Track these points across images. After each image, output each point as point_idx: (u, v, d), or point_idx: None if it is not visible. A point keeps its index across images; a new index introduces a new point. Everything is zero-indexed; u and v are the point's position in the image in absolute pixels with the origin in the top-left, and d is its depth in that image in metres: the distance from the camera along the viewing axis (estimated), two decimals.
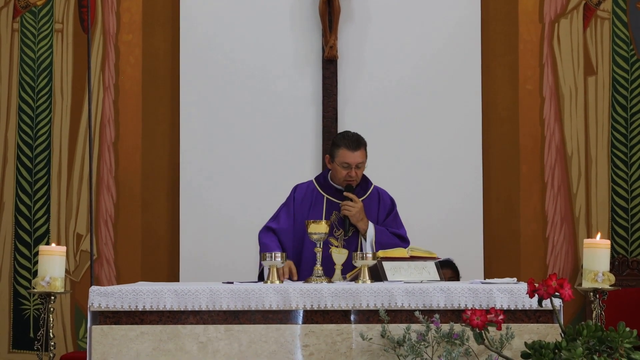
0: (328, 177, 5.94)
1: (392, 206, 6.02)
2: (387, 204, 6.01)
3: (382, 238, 5.79)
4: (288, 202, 5.93)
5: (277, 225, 5.82)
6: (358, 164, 5.81)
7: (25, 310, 7.68)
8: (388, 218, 5.98)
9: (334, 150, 5.84)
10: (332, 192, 5.90)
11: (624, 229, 7.64)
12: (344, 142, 5.81)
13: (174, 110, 7.62)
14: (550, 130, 7.66)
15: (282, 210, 5.91)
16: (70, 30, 7.74)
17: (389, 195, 6.05)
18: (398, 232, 5.93)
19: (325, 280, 5.12)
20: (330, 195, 5.89)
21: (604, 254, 4.77)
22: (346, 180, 5.83)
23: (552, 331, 4.73)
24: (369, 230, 5.81)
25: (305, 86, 7.56)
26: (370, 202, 5.94)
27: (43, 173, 7.70)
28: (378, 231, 5.82)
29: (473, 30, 7.58)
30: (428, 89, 7.54)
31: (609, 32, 7.69)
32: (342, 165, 5.80)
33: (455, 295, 4.79)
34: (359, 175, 5.85)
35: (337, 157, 5.81)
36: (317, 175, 6.05)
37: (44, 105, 7.73)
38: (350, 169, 5.80)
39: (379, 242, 5.76)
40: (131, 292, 4.83)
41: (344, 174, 5.81)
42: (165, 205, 7.64)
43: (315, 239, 5.26)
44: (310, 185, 5.97)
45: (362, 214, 5.80)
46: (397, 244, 5.78)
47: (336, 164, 5.83)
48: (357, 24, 7.56)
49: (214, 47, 7.58)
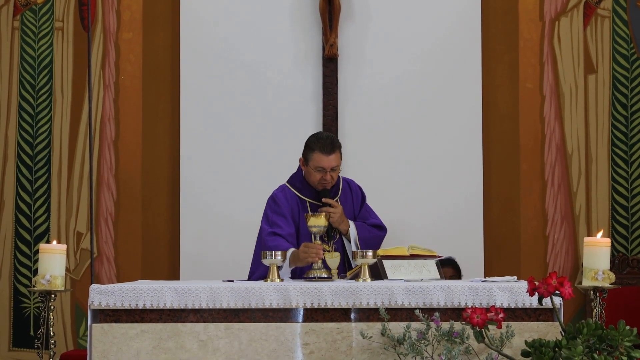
0: (303, 178, 5.79)
1: (362, 195, 5.96)
2: (359, 194, 5.93)
3: (362, 233, 5.73)
4: (279, 211, 5.69)
5: (282, 231, 5.63)
6: (333, 167, 5.67)
7: (26, 308, 7.68)
8: (362, 208, 5.92)
9: (308, 153, 5.68)
10: (311, 195, 5.77)
11: (624, 227, 7.64)
12: (317, 145, 5.65)
13: (174, 108, 7.62)
14: (551, 129, 7.66)
15: (277, 219, 5.68)
16: (70, 28, 7.74)
17: (357, 185, 5.97)
18: (375, 223, 5.86)
19: (325, 272, 5.14)
20: (311, 199, 5.77)
21: (604, 252, 4.77)
22: (321, 184, 5.70)
23: (552, 329, 4.73)
24: (351, 230, 5.74)
25: (306, 84, 7.55)
26: (345, 197, 5.86)
27: (43, 171, 7.70)
28: (358, 228, 5.75)
29: (473, 29, 7.58)
30: (428, 87, 7.54)
31: (609, 31, 7.69)
32: (316, 169, 5.66)
33: (455, 293, 4.80)
34: (334, 178, 5.71)
35: (311, 160, 5.65)
36: (291, 179, 5.88)
37: (44, 103, 7.73)
38: (324, 172, 5.66)
39: (362, 238, 5.71)
40: (131, 291, 4.83)
41: (318, 178, 5.67)
42: (165, 204, 7.64)
43: (314, 232, 5.25)
44: (287, 192, 5.80)
45: (343, 216, 5.71)
46: (377, 234, 5.77)
47: (310, 168, 5.68)
48: (357, 22, 7.56)
49: (215, 45, 7.58)
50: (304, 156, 5.74)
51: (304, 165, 5.75)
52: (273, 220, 5.69)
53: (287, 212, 5.71)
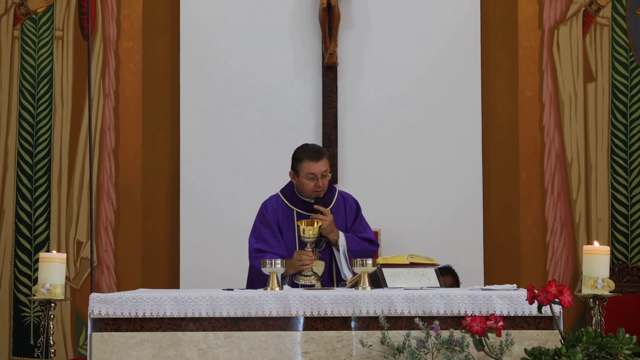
0: (295, 190, 5.93)
1: (358, 209, 6.05)
2: (353, 208, 6.03)
3: (352, 245, 5.82)
4: (266, 221, 5.88)
5: (269, 248, 5.80)
6: (323, 173, 5.81)
7: (26, 317, 7.68)
8: (355, 222, 6.00)
9: (297, 164, 5.85)
10: (300, 205, 5.90)
11: (623, 236, 7.64)
12: (305, 155, 5.83)
13: (174, 117, 7.63)
14: (550, 137, 7.66)
15: (264, 232, 5.86)
16: (70, 37, 7.76)
17: (353, 198, 6.06)
18: (367, 237, 5.95)
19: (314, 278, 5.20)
20: (299, 209, 5.90)
21: (604, 260, 4.77)
22: (315, 192, 5.84)
23: (552, 337, 4.73)
24: (340, 240, 5.83)
25: (305, 93, 7.56)
26: (337, 209, 5.96)
27: (43, 180, 7.71)
28: (348, 239, 5.84)
29: (473, 37, 7.59)
30: (428, 95, 7.55)
31: (609, 39, 7.70)
32: (307, 177, 5.81)
33: (455, 301, 4.80)
34: (325, 185, 5.85)
35: (302, 170, 5.82)
36: (283, 188, 6.00)
37: (44, 112, 7.74)
38: (316, 179, 5.80)
39: (351, 250, 5.79)
40: (131, 299, 4.83)
41: (312, 186, 5.81)
42: (165, 212, 7.64)
43: (307, 241, 5.42)
44: (278, 199, 5.95)
45: (332, 225, 5.81)
46: (367, 248, 5.84)
47: (302, 177, 5.83)
48: (356, 31, 7.57)
49: (214, 54, 7.59)
50: (293, 169, 5.90)
51: (295, 178, 5.88)
52: (260, 233, 5.86)
53: (273, 221, 5.88)
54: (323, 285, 5.53)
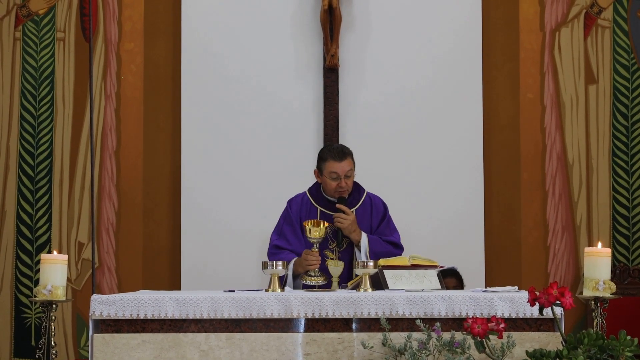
0: (320, 189, 5.98)
1: (385, 212, 6.05)
2: (380, 210, 6.03)
3: (375, 247, 5.82)
4: (289, 219, 5.94)
5: (288, 245, 5.83)
6: (346, 173, 5.85)
7: (27, 318, 7.68)
8: (381, 224, 6.00)
9: (321, 163, 5.91)
10: (324, 203, 5.93)
11: (625, 237, 7.64)
12: (329, 154, 5.88)
13: (175, 118, 7.63)
14: (551, 139, 7.66)
15: (286, 229, 5.92)
16: (72, 38, 7.76)
17: (382, 201, 6.07)
18: (391, 240, 5.95)
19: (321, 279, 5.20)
20: (323, 207, 5.92)
21: (605, 262, 4.77)
22: (337, 192, 5.85)
23: (553, 339, 4.73)
24: (363, 241, 5.83)
25: (307, 95, 7.56)
26: (363, 210, 5.96)
27: (45, 181, 7.71)
28: (371, 241, 5.84)
29: (474, 39, 7.59)
30: (429, 97, 7.55)
31: (610, 41, 7.70)
32: (330, 176, 5.85)
33: (456, 303, 4.80)
34: (349, 185, 5.89)
35: (325, 169, 5.87)
36: (310, 187, 6.07)
37: (45, 113, 7.74)
38: (339, 179, 5.84)
39: (373, 252, 5.79)
40: (133, 301, 4.83)
41: (334, 186, 5.85)
42: (166, 213, 7.65)
43: (313, 241, 5.40)
44: (304, 197, 6.01)
45: (354, 225, 5.82)
46: (391, 251, 5.82)
47: (325, 177, 5.88)
48: (358, 33, 7.57)
49: (216, 55, 7.59)
50: (318, 167, 5.94)
51: (319, 177, 5.93)
52: (282, 230, 5.92)
53: (296, 219, 5.91)
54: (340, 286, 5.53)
